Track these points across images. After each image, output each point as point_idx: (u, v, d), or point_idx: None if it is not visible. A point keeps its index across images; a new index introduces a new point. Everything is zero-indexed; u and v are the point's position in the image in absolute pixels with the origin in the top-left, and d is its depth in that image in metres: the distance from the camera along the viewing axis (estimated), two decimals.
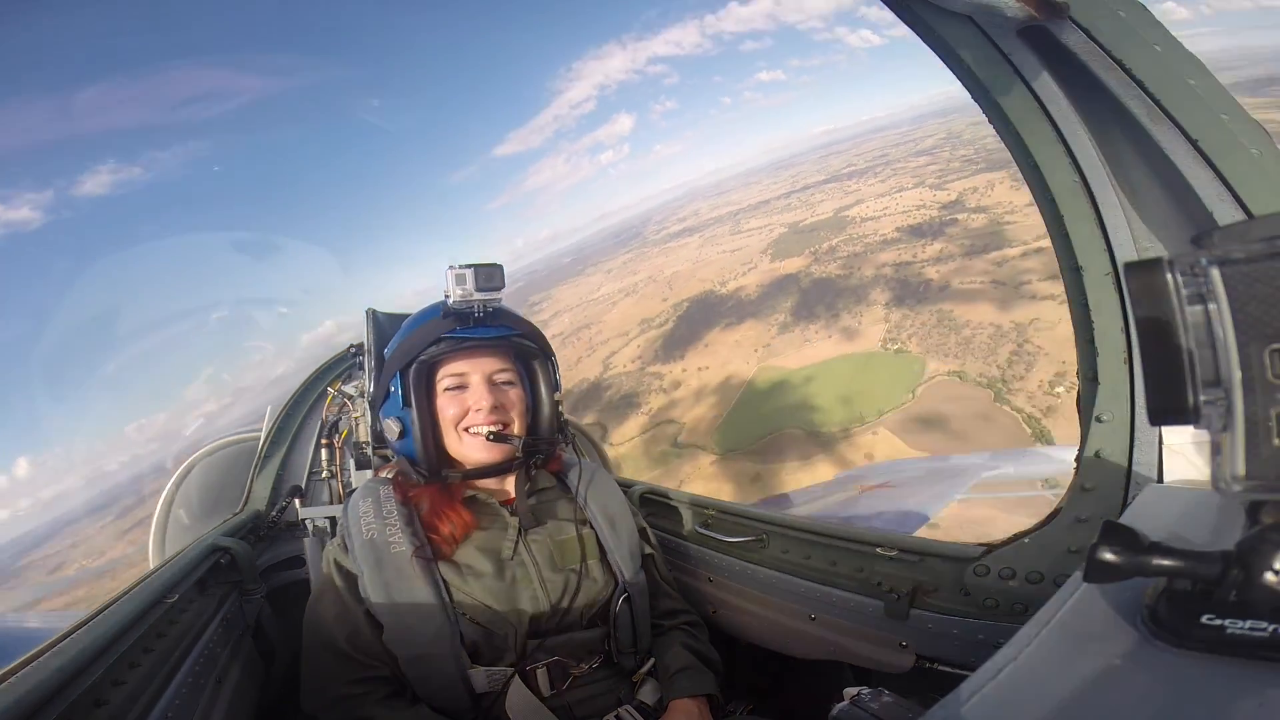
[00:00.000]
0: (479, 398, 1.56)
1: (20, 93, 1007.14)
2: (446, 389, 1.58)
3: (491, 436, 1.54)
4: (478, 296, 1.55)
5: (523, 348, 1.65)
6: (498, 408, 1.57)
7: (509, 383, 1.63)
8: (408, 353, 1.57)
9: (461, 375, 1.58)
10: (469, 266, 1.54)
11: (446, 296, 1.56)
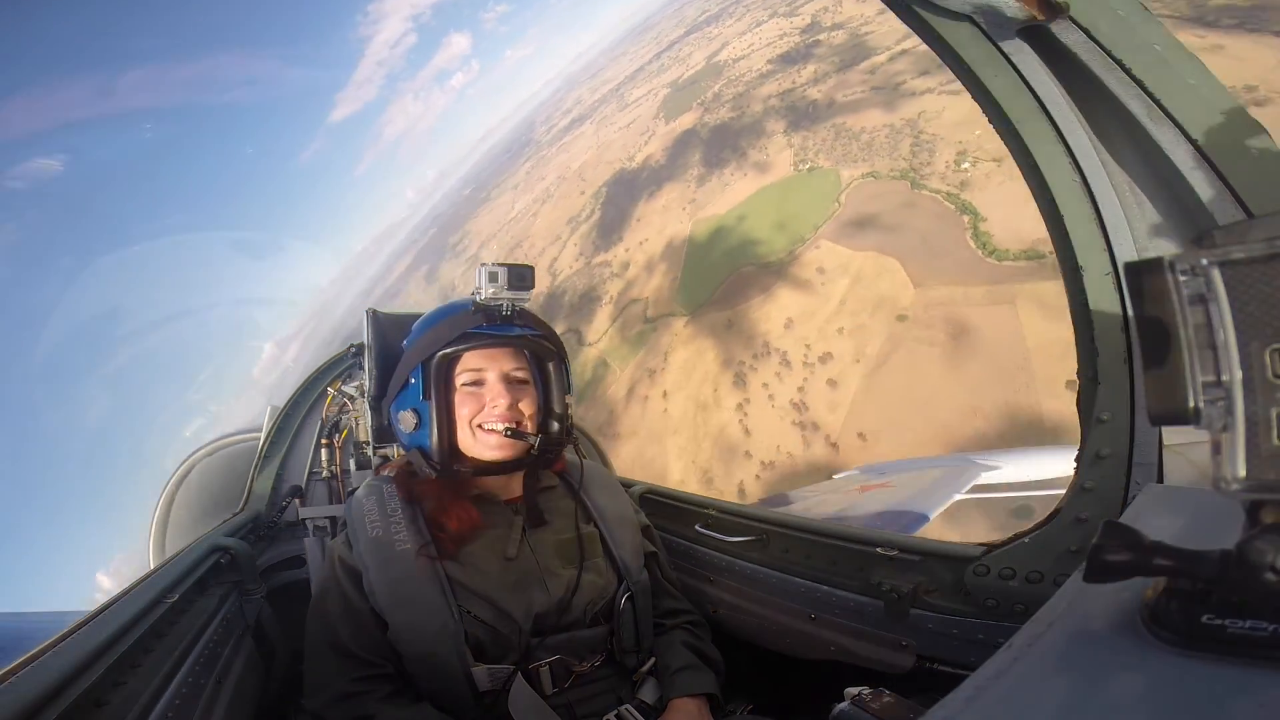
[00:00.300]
0: (496, 395, 1.57)
1: None
2: (464, 384, 1.58)
3: (509, 433, 1.55)
4: (507, 295, 1.57)
5: (541, 348, 1.66)
6: (513, 406, 1.58)
7: (524, 381, 1.64)
8: (431, 345, 1.57)
9: (479, 371, 1.59)
10: (502, 265, 1.56)
11: (476, 292, 1.58)
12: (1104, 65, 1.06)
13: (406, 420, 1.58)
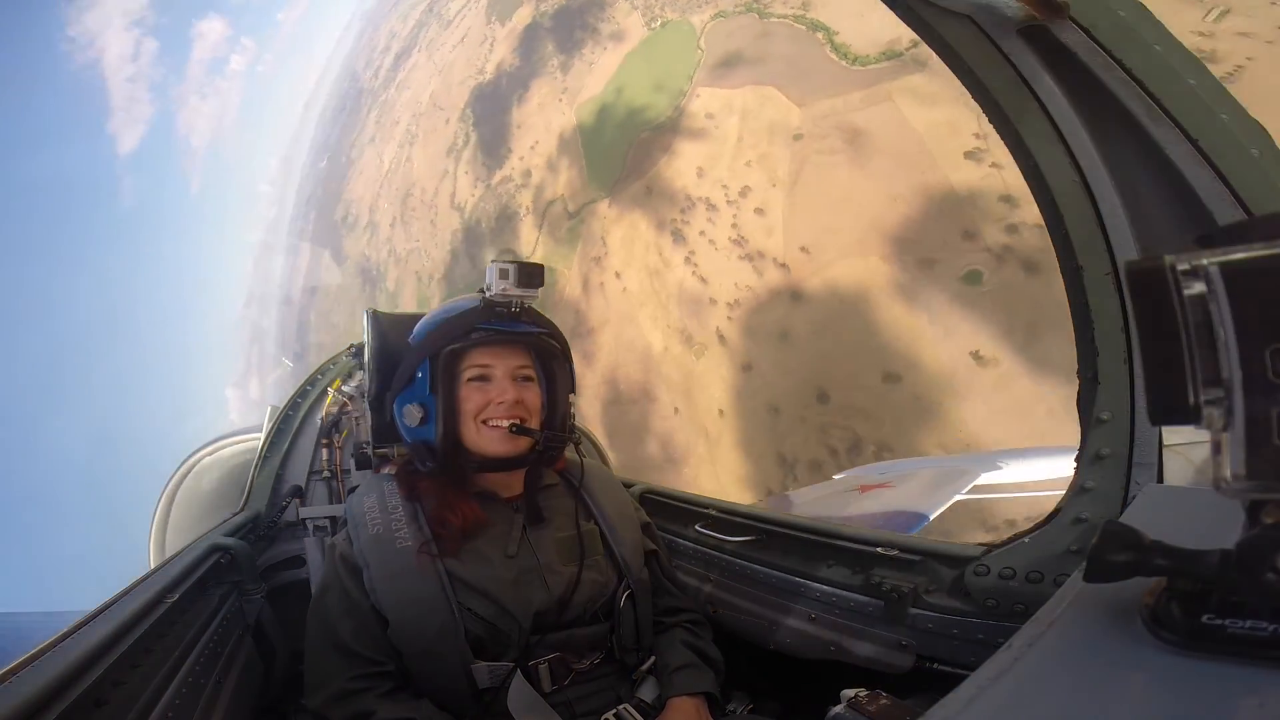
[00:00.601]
0: (502, 390, 1.58)
1: None
2: (470, 379, 1.59)
3: (514, 429, 1.56)
4: (516, 292, 1.57)
5: (547, 347, 1.67)
6: (518, 402, 1.58)
7: (529, 379, 1.64)
8: (440, 339, 1.58)
9: (486, 367, 1.59)
10: (512, 262, 1.57)
11: (486, 289, 1.58)
12: (1104, 65, 1.06)
13: (411, 414, 1.58)
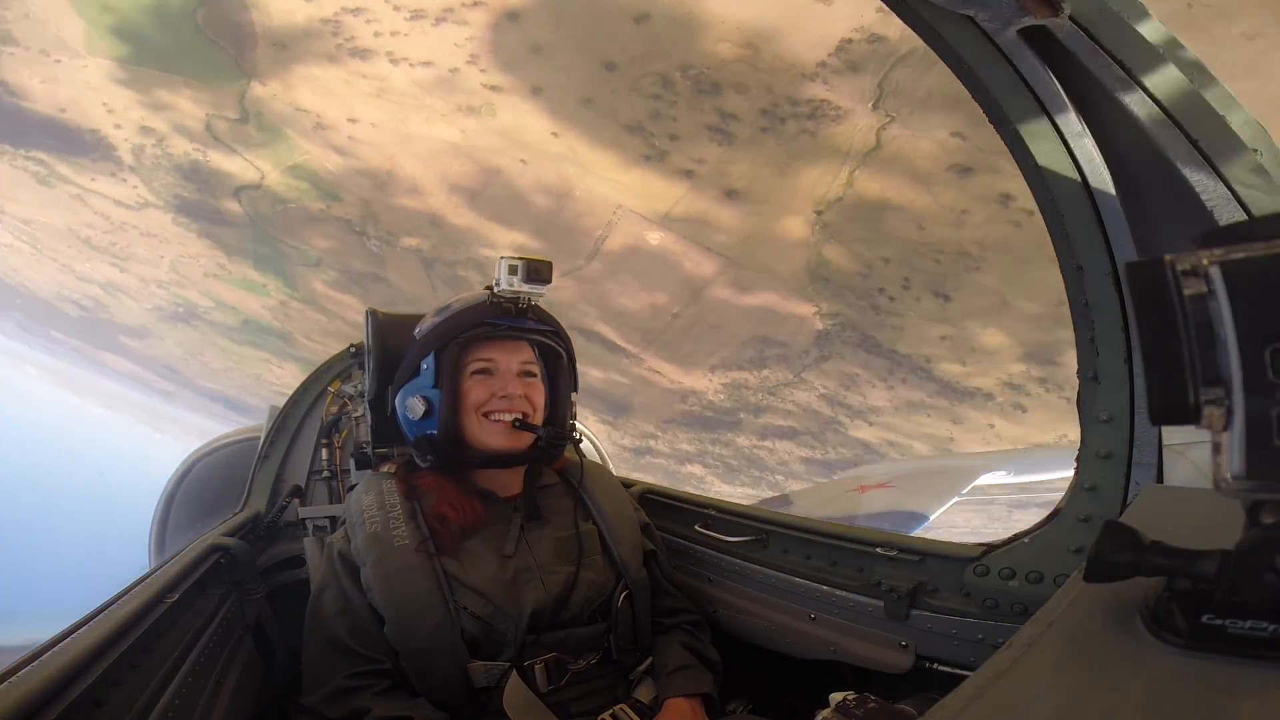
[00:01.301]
0: (506, 385, 1.58)
1: None
2: (474, 372, 1.59)
3: (518, 424, 1.56)
4: (525, 288, 1.57)
5: (552, 345, 1.67)
6: (522, 397, 1.59)
7: (532, 375, 1.65)
8: (447, 333, 1.58)
9: (491, 361, 1.60)
10: (520, 259, 1.57)
11: (495, 284, 1.58)
12: (1104, 65, 1.06)
13: (415, 408, 1.58)
